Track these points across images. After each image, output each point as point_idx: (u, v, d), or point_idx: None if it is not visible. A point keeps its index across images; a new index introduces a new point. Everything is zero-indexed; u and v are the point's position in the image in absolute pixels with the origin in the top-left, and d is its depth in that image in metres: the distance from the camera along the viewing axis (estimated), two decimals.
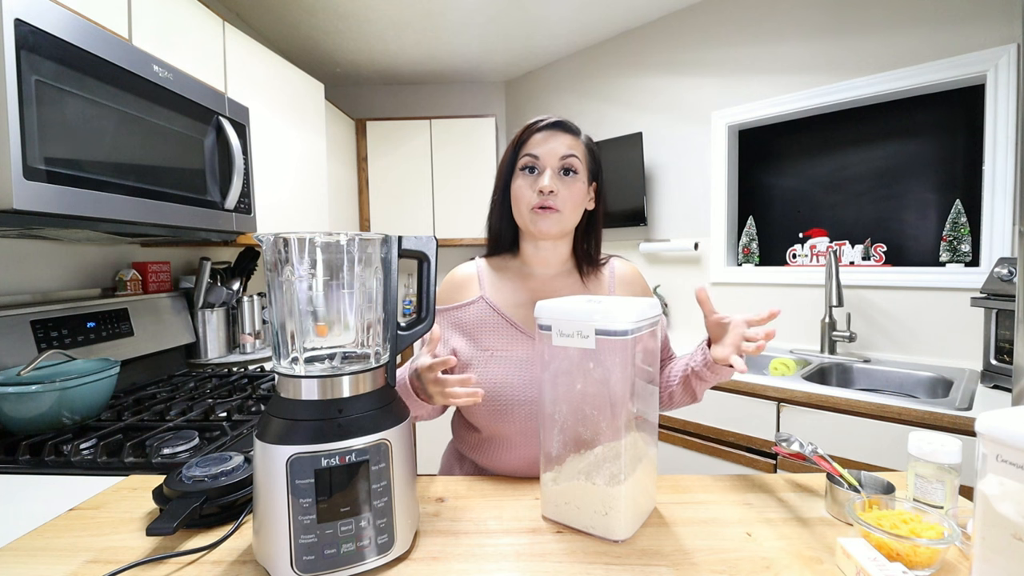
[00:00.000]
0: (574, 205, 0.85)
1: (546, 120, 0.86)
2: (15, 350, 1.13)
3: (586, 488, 0.63)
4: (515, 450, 0.83)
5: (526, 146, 0.85)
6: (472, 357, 0.84)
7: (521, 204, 0.85)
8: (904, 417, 1.23)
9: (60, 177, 0.97)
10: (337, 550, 0.53)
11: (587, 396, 0.64)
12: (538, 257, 0.91)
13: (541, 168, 0.84)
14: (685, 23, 2.33)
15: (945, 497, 0.62)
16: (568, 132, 0.86)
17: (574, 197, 0.85)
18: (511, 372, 0.82)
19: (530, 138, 0.85)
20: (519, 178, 0.85)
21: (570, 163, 0.84)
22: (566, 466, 0.66)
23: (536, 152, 0.84)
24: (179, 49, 1.43)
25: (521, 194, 0.85)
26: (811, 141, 2.07)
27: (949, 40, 1.64)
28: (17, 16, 0.89)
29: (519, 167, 0.86)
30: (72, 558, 0.58)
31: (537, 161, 0.84)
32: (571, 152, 0.84)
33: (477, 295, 0.89)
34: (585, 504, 0.64)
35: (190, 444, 0.94)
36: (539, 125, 0.86)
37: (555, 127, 0.86)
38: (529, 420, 0.80)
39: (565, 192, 0.84)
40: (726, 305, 2.25)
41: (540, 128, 0.85)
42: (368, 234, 0.60)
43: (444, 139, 2.90)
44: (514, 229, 0.92)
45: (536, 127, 0.86)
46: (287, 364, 0.59)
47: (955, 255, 1.69)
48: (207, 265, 1.73)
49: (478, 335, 0.86)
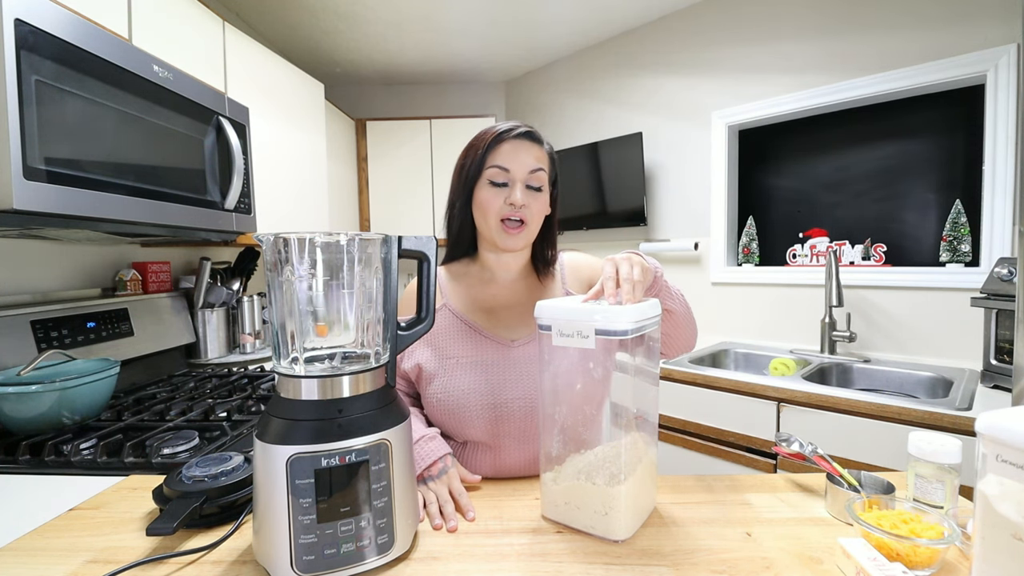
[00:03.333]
0: (540, 217, 0.87)
1: (516, 129, 0.84)
2: (15, 350, 1.13)
3: (586, 488, 0.63)
4: (489, 453, 0.84)
5: (494, 155, 0.84)
6: (438, 367, 0.84)
7: (489, 215, 0.84)
8: (904, 417, 1.23)
9: (60, 177, 0.96)
10: (337, 550, 0.53)
11: (587, 396, 0.64)
12: (500, 263, 0.91)
13: (511, 181, 0.83)
14: (685, 23, 2.33)
15: (945, 497, 0.62)
16: (536, 143, 0.86)
17: (541, 209, 0.86)
18: (477, 377, 0.82)
19: (498, 147, 0.84)
20: (486, 188, 0.84)
21: (538, 177, 0.84)
22: (566, 466, 0.66)
23: (506, 164, 0.83)
24: (179, 49, 1.43)
25: (488, 205, 0.84)
26: (811, 141, 2.07)
27: (949, 40, 1.64)
28: (17, 16, 0.89)
29: (486, 176, 0.84)
30: (72, 558, 0.58)
31: (507, 174, 0.83)
32: (539, 166, 0.84)
33: (440, 303, 0.90)
34: (585, 504, 0.64)
35: (190, 444, 0.94)
36: (510, 135, 0.84)
37: (524, 137, 0.85)
38: (499, 423, 0.81)
39: (534, 206, 0.84)
40: (726, 305, 2.25)
41: (510, 138, 0.84)
42: (368, 234, 0.60)
43: (444, 139, 2.90)
44: (474, 234, 0.92)
45: (506, 136, 0.84)
46: (287, 364, 0.59)
47: (955, 255, 1.69)
48: (207, 265, 1.73)
49: (443, 343, 0.86)
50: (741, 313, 2.20)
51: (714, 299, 2.29)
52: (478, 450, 0.84)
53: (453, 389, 0.81)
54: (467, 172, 0.86)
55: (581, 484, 0.64)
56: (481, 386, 0.81)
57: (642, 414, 0.65)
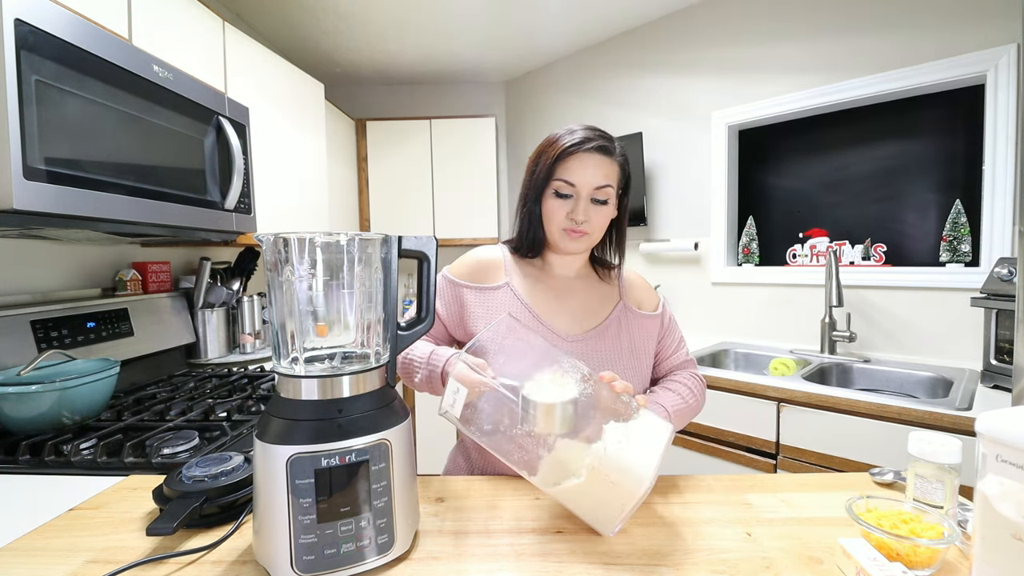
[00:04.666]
0: (602, 227, 0.88)
1: (589, 144, 0.83)
2: (15, 350, 1.13)
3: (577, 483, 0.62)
4: None
5: (562, 167, 0.83)
6: (490, 342, 0.85)
7: (553, 224, 0.86)
8: (904, 417, 1.23)
9: (60, 177, 0.96)
10: (337, 550, 0.53)
11: None
12: (562, 263, 0.93)
13: (576, 195, 0.84)
14: (685, 23, 2.33)
15: (945, 497, 0.62)
16: (607, 155, 0.84)
17: (603, 221, 0.87)
18: (527, 362, 0.82)
19: (567, 159, 0.83)
20: (551, 199, 0.85)
21: (604, 192, 0.84)
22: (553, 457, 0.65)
23: (572, 180, 0.83)
24: (179, 49, 1.43)
25: (553, 216, 0.85)
26: (811, 141, 2.07)
27: (949, 40, 1.64)
28: (17, 16, 0.89)
29: (553, 187, 0.85)
30: (72, 558, 0.58)
31: (572, 188, 0.83)
32: (607, 182, 0.84)
33: (503, 281, 0.90)
34: (578, 498, 0.63)
35: (190, 444, 0.94)
36: (582, 149, 0.83)
37: (596, 151, 0.83)
38: None
39: (597, 220, 0.85)
40: (726, 305, 2.25)
41: (581, 151, 0.83)
42: (368, 234, 0.60)
43: (444, 139, 2.91)
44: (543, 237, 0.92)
45: (576, 151, 0.83)
46: (287, 364, 0.59)
47: (955, 255, 1.69)
48: (207, 265, 1.73)
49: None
50: (741, 313, 2.20)
51: (714, 299, 2.29)
52: None
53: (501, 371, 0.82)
54: (536, 178, 0.87)
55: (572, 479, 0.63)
56: (531, 371, 0.81)
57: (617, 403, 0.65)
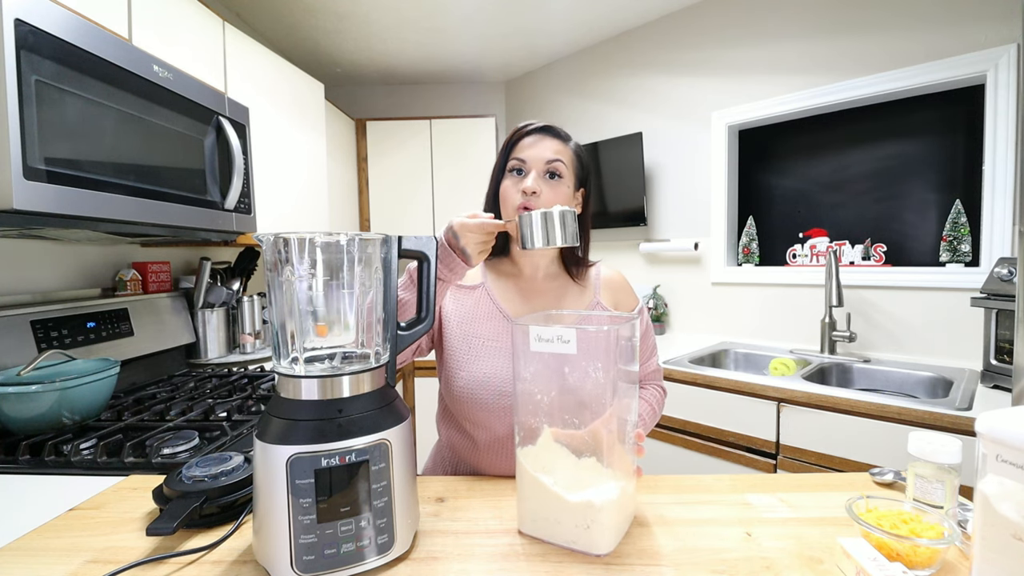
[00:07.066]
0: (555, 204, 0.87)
1: (535, 124, 0.88)
2: (15, 350, 1.13)
3: (564, 502, 0.60)
4: (503, 453, 0.85)
5: (515, 149, 0.88)
6: (462, 342, 0.86)
7: (507, 204, 0.87)
8: (904, 417, 1.23)
9: (60, 177, 0.96)
10: (337, 550, 0.53)
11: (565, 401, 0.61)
12: (527, 261, 0.93)
13: (527, 170, 0.86)
14: (685, 23, 2.33)
15: (945, 497, 0.62)
16: (556, 137, 0.88)
17: (558, 199, 0.86)
18: (499, 363, 0.84)
19: (519, 141, 0.88)
20: (507, 179, 0.88)
21: (555, 167, 0.86)
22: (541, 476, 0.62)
23: (523, 156, 0.86)
24: (179, 49, 1.43)
25: (508, 194, 0.87)
26: (811, 141, 2.07)
27: (949, 40, 1.64)
28: (17, 16, 0.89)
29: (508, 169, 0.88)
30: (72, 558, 0.58)
31: (524, 164, 0.86)
32: (557, 157, 0.86)
33: (479, 281, 0.92)
34: (564, 518, 0.60)
35: (190, 444, 0.94)
36: (527, 129, 0.88)
37: (543, 131, 0.88)
38: None
39: (549, 194, 0.85)
40: (726, 305, 2.25)
41: (529, 132, 0.88)
42: (368, 234, 0.60)
43: (444, 139, 2.90)
44: (505, 232, 0.92)
45: (524, 131, 0.88)
46: (287, 364, 0.59)
47: (955, 255, 1.69)
48: (207, 265, 1.73)
49: (473, 321, 0.88)
50: (741, 313, 2.20)
51: (714, 299, 2.29)
52: (492, 451, 0.86)
53: (475, 369, 0.83)
54: (495, 169, 0.91)
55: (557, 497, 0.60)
56: (500, 372, 0.83)
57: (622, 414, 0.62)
